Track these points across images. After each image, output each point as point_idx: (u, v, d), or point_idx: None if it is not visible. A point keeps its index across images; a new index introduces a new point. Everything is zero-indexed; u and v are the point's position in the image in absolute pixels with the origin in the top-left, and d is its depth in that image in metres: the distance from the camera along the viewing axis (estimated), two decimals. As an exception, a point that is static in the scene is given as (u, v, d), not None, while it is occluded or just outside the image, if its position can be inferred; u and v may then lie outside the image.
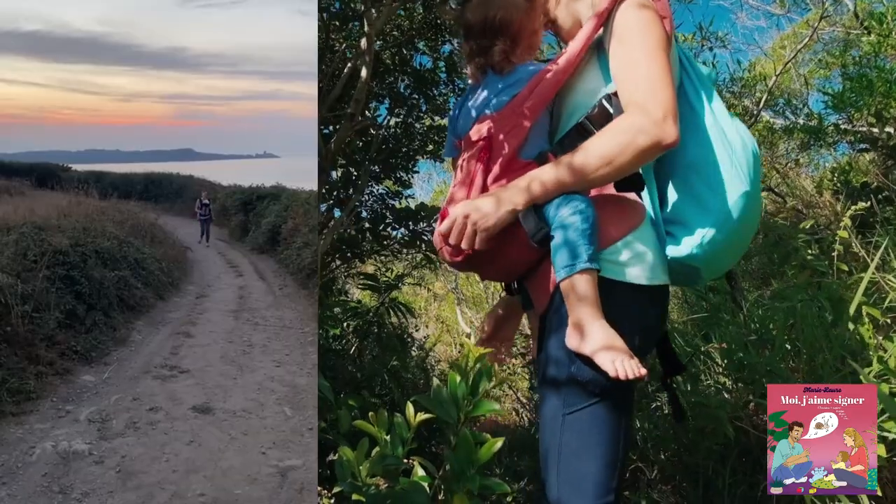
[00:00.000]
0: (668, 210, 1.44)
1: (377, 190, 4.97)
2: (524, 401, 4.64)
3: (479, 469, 1.46)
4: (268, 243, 9.55)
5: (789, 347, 2.42)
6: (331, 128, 4.18)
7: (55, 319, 4.40)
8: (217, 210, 11.30)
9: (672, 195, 1.44)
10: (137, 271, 6.26)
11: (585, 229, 1.32)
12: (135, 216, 8.53)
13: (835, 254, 2.94)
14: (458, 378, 1.54)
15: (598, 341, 1.27)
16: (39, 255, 4.73)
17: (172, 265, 7.59)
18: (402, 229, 4.76)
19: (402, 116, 4.73)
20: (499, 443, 1.48)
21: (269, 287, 7.60)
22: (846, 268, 2.92)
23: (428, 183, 11.67)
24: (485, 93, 1.54)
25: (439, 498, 1.54)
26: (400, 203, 4.93)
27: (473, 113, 1.55)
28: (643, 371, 1.23)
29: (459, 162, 1.57)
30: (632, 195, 1.42)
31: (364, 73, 3.46)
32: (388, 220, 4.74)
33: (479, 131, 1.49)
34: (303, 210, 8.38)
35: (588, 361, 1.29)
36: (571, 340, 1.31)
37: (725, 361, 2.57)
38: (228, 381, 4.28)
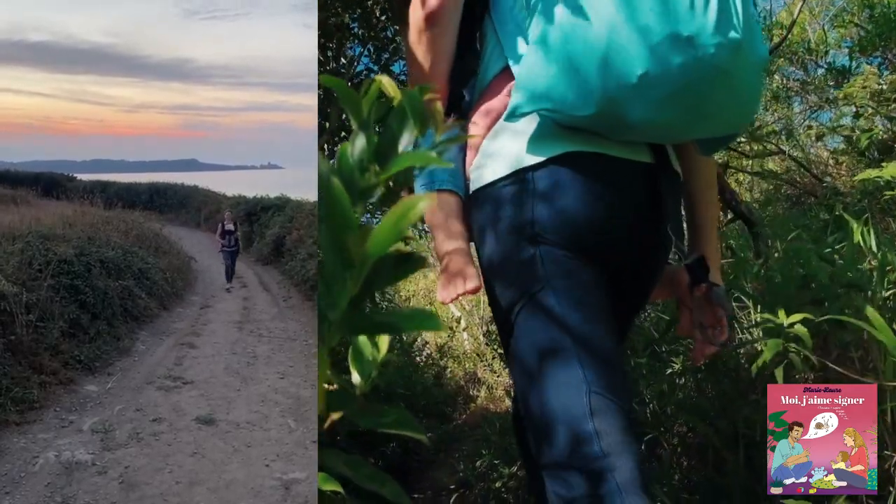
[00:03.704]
0: None
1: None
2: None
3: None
4: (272, 254, 9.57)
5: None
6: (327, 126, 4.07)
7: (59, 329, 4.41)
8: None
9: None
10: (142, 281, 6.28)
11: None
12: (139, 226, 8.57)
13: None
14: (356, 124, 0.53)
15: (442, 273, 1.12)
16: (44, 265, 4.75)
17: (177, 275, 7.61)
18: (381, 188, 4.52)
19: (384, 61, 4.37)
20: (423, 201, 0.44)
21: (274, 298, 7.60)
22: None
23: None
24: None
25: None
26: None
27: None
28: (469, 286, 1.06)
29: None
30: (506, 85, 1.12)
31: None
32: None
33: None
34: (307, 221, 8.40)
35: (490, 292, 1.11)
36: None
37: (759, 307, 1.97)
38: (232, 392, 4.28)
